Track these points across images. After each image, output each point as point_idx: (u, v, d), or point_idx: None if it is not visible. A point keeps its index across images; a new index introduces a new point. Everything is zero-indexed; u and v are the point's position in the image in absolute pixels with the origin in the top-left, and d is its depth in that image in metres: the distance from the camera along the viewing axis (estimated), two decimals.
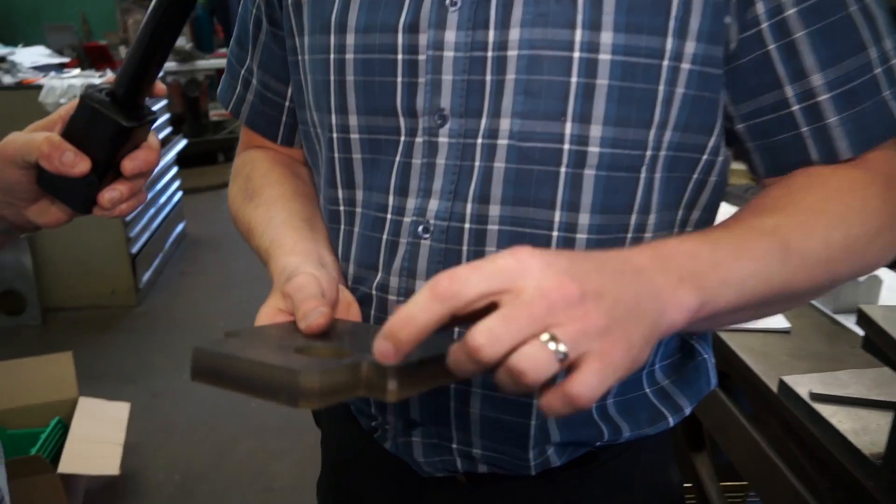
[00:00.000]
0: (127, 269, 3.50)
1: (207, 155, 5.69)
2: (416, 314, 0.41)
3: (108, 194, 0.61)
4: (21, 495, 1.94)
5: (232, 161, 0.85)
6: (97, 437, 2.13)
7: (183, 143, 4.50)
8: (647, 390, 0.71)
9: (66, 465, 1.95)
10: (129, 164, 0.61)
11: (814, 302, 1.36)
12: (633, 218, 0.63)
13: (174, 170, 4.29)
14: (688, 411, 0.73)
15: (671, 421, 0.72)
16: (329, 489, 0.88)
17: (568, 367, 0.40)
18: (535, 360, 0.39)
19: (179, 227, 4.38)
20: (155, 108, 4.03)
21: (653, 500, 0.78)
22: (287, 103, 0.79)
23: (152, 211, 3.84)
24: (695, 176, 0.64)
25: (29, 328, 3.32)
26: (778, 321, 1.27)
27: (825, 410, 0.99)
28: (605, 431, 0.69)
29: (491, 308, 0.41)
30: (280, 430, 2.56)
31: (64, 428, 2.14)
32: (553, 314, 0.39)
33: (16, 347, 3.08)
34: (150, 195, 3.79)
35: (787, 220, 0.56)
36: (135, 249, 3.54)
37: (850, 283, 1.29)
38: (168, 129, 4.33)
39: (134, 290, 3.54)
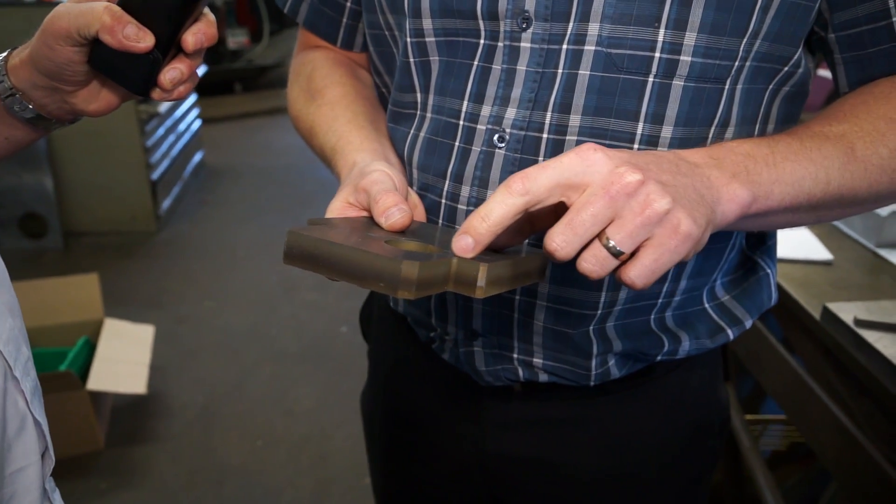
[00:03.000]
0: (147, 195, 3.51)
1: (224, 84, 5.61)
2: (493, 209, 0.45)
3: (170, 74, 0.55)
4: (51, 411, 1.97)
5: (249, 92, 0.81)
6: (124, 357, 2.16)
7: (203, 68, 4.44)
8: (707, 305, 0.71)
9: (95, 382, 1.99)
10: (192, 38, 0.54)
11: (856, 235, 1.34)
12: (713, 132, 0.60)
13: (194, 96, 4.24)
14: (748, 324, 0.72)
15: (731, 334, 0.71)
16: (377, 399, 0.88)
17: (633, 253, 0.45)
18: (594, 263, 0.44)
19: (198, 157, 4.37)
20: None
21: (702, 416, 0.79)
22: (349, 4, 0.75)
23: (172, 138, 3.82)
24: (770, 86, 0.62)
25: (51, 252, 3.35)
26: (820, 252, 1.26)
27: (870, 336, 0.98)
28: (665, 342, 0.69)
29: (562, 207, 0.46)
30: (301, 357, 2.59)
31: (91, 348, 2.18)
32: (615, 206, 0.44)
33: (38, 271, 3.11)
34: (169, 122, 3.76)
35: (857, 126, 0.56)
36: (155, 176, 3.54)
37: (894, 216, 1.26)
38: None
39: (154, 217, 3.56)
